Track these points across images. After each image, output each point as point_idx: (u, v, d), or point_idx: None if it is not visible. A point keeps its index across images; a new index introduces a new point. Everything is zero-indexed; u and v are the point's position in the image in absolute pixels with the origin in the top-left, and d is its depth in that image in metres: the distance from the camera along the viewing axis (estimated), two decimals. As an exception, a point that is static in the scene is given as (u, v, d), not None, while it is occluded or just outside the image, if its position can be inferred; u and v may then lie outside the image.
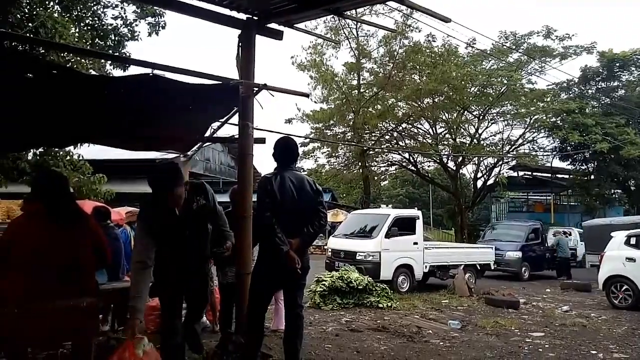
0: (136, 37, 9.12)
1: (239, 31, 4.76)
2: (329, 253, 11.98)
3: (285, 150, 3.94)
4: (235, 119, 4.95)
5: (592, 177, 25.61)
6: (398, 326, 6.98)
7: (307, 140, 25.22)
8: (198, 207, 3.54)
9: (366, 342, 6.01)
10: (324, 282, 8.57)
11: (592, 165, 25.46)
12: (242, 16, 4.82)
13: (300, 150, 25.93)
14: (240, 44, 4.72)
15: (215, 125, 5.45)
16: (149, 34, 9.09)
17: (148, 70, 3.84)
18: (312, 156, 26.39)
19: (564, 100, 23.29)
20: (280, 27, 5.09)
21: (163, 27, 9.30)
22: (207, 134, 5.51)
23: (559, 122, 23.20)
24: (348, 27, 22.70)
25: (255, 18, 4.79)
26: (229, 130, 5.71)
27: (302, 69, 23.90)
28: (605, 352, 5.93)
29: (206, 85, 4.14)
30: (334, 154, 26.24)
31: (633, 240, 9.85)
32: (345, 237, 11.93)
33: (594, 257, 13.11)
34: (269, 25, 4.98)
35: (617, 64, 25.40)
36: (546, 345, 6.18)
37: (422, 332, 6.69)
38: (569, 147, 24.03)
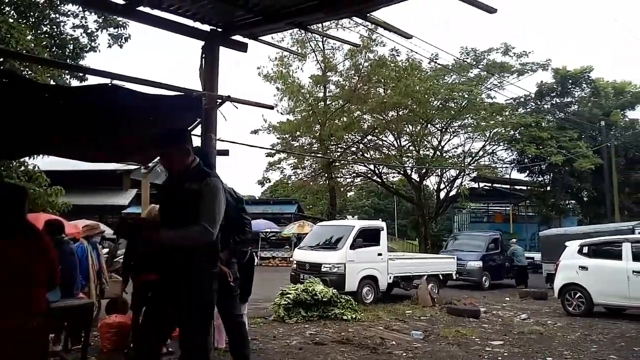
0: (96, 48, 8.91)
1: (202, 42, 4.74)
2: (294, 265, 11.92)
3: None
4: (198, 130, 4.90)
5: (548, 188, 26.68)
6: (362, 338, 7.00)
7: (274, 151, 25.18)
8: (187, 189, 3.06)
9: (330, 355, 5.99)
10: (288, 295, 8.50)
11: (548, 177, 26.54)
12: (206, 28, 4.80)
13: (266, 161, 25.93)
14: (203, 56, 4.69)
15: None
16: (109, 45, 8.90)
17: (107, 81, 3.76)
18: (278, 167, 26.37)
19: (522, 115, 24.28)
20: (245, 39, 5.10)
21: (126, 40, 9.13)
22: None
23: (517, 135, 24.13)
24: (314, 40, 22.98)
25: (219, 30, 4.78)
26: (193, 141, 5.63)
27: (269, 80, 23.95)
28: (560, 358, 6.14)
29: (168, 96, 4.09)
30: (300, 165, 26.30)
31: (585, 250, 10.28)
32: (311, 249, 11.92)
33: (550, 266, 13.60)
34: (233, 37, 4.98)
35: (570, 81, 26.74)
36: (505, 354, 6.35)
37: (386, 343, 6.73)
38: (526, 160, 24.97)
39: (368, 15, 4.59)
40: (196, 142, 5.15)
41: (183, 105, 4.26)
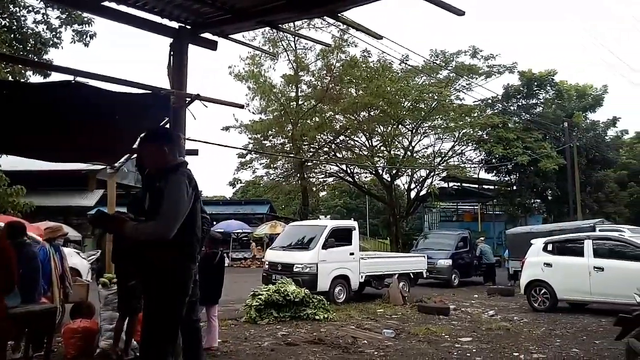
0: (59, 44, 8.59)
1: (171, 40, 4.65)
2: (266, 266, 11.85)
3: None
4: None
5: (515, 187, 27.40)
6: (334, 338, 7.01)
7: (245, 151, 24.98)
8: (157, 188, 3.01)
9: (302, 355, 5.98)
10: (260, 296, 8.44)
11: (515, 176, 27.25)
12: (175, 25, 4.71)
13: (238, 161, 25.68)
14: (171, 53, 4.60)
15: (145, 135, 5.24)
16: (73, 41, 8.59)
17: (70, 77, 3.64)
18: (250, 167, 26.18)
19: (489, 116, 24.83)
20: (215, 38, 5.03)
21: (92, 37, 8.82)
22: (136, 144, 5.28)
23: (484, 136, 24.68)
24: (286, 40, 22.92)
25: (188, 27, 4.70)
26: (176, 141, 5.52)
27: (240, 80, 23.74)
28: (526, 354, 6.30)
29: (134, 94, 3.99)
30: (272, 165, 26.20)
31: (550, 247, 10.61)
32: (283, 249, 11.88)
33: (516, 263, 13.99)
34: (202, 34, 4.90)
35: (535, 83, 27.53)
36: (474, 350, 6.48)
37: (358, 342, 6.77)
38: (493, 160, 25.57)
39: (339, 15, 4.60)
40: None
41: (150, 104, 4.16)
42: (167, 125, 4.62)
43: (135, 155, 4.83)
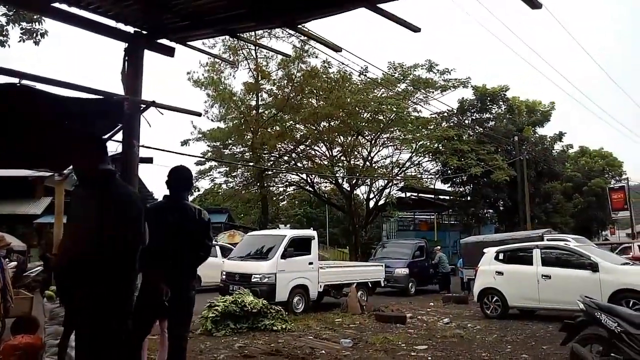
0: (5, 42, 8.14)
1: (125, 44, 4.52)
2: (223, 276, 11.63)
3: (176, 178, 4.03)
4: (119, 136, 4.65)
5: (469, 198, 28.32)
6: (292, 348, 6.95)
7: (204, 159, 24.55)
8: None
9: (259, 367, 5.89)
10: (216, 307, 8.27)
11: (469, 187, 28.18)
12: (130, 29, 4.58)
13: (197, 169, 25.18)
14: (126, 58, 4.47)
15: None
16: (21, 40, 8.16)
17: (15, 80, 3.47)
18: (208, 176, 25.76)
19: (445, 128, 25.61)
20: (172, 44, 4.93)
21: (43, 36, 8.40)
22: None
23: (440, 147, 25.40)
24: (247, 48, 22.80)
25: (144, 32, 4.59)
26: (115, 148, 5.34)
27: (199, 86, 23.40)
28: (479, 360, 6.49)
29: (85, 99, 3.84)
30: (231, 174, 25.87)
31: (501, 256, 10.99)
32: (241, 259, 11.70)
33: (470, 272, 14.39)
34: (159, 40, 4.79)
35: (489, 98, 28.70)
36: (429, 358, 6.59)
37: (315, 352, 6.74)
38: (449, 171, 26.35)
39: (299, 26, 4.63)
40: (116, 148, 4.90)
41: (102, 110, 4.02)
42: (120, 132, 4.48)
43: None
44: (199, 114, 5.38)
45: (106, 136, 4.88)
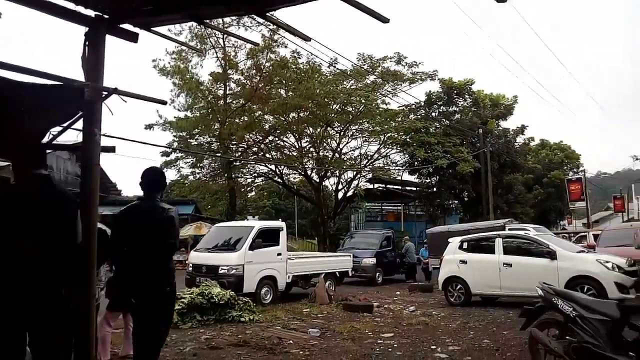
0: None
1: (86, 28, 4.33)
2: (190, 268, 11.48)
3: (149, 180, 4.31)
4: (80, 124, 4.47)
5: (435, 189, 28.88)
6: (259, 339, 6.95)
7: (169, 149, 24.02)
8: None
9: (226, 359, 5.87)
10: (182, 300, 8.15)
11: (435, 178, 28.72)
12: (91, 13, 4.39)
13: (162, 160, 24.64)
14: (86, 43, 4.28)
15: (55, 130, 4.85)
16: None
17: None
18: (175, 166, 25.23)
19: (412, 121, 25.97)
20: (136, 29, 4.77)
21: (-3, 16, 7.95)
22: (45, 140, 4.87)
23: (408, 139, 25.77)
24: (215, 36, 22.35)
25: (106, 17, 4.41)
26: (75, 136, 5.14)
27: (165, 75, 22.82)
28: (443, 346, 6.66)
29: (42, 85, 3.67)
30: (198, 165, 25.43)
31: (465, 245, 11.32)
32: (208, 251, 11.57)
33: (435, 261, 14.73)
34: (122, 25, 4.62)
35: (455, 91, 29.23)
36: (395, 345, 6.73)
37: (283, 343, 6.76)
38: (416, 162, 26.78)
39: (268, 14, 4.56)
40: (77, 137, 4.72)
41: (61, 97, 3.85)
42: (81, 120, 4.31)
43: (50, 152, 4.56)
44: (164, 102, 5.22)
45: (65, 124, 4.70)
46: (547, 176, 35.73)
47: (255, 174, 27.82)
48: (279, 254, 11.52)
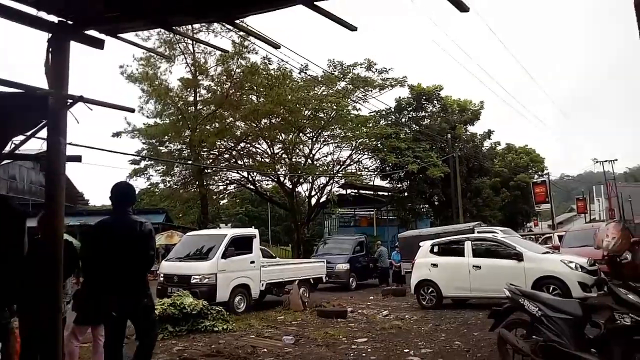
0: None
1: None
2: (161, 278, 11.25)
3: (120, 195, 4.40)
4: (44, 133, 4.35)
5: (406, 193, 29.28)
6: (233, 348, 6.88)
7: (138, 157, 23.52)
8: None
9: (199, 369, 5.77)
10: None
11: (406, 183, 29.12)
12: (54, 19, 4.29)
13: (131, 167, 24.10)
14: (50, 50, 4.18)
15: (18, 139, 4.70)
16: None
17: None
18: (144, 174, 24.70)
19: (383, 126, 26.30)
20: (102, 36, 4.68)
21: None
22: (7, 149, 4.71)
23: (379, 145, 26.07)
24: (184, 42, 22.09)
25: (70, 22, 4.31)
26: (39, 145, 4.99)
27: (133, 81, 22.38)
28: (415, 349, 6.75)
29: (3, 93, 3.56)
30: (169, 172, 24.97)
31: (436, 249, 11.50)
32: (179, 260, 11.38)
33: (407, 265, 14.90)
34: (87, 31, 4.53)
35: (424, 97, 29.78)
36: (369, 350, 6.77)
37: (257, 351, 6.71)
38: (387, 168, 27.10)
39: (237, 22, 4.56)
40: (42, 146, 4.58)
41: (23, 105, 3.75)
42: (45, 129, 4.20)
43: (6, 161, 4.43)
44: (132, 110, 5.14)
45: (29, 133, 4.57)
46: (513, 179, 36.71)
47: (228, 181, 27.55)
48: (252, 262, 11.43)
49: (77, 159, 4.58)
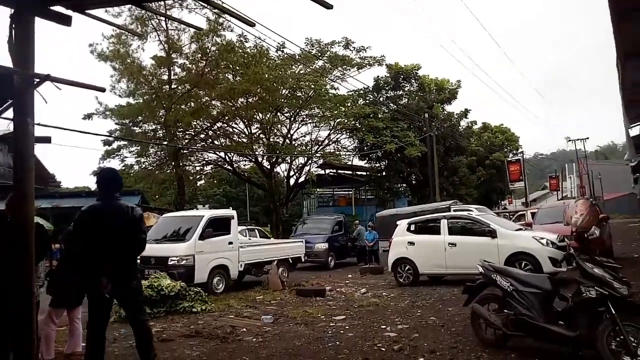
0: None
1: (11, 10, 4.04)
2: (138, 260, 11.11)
3: (107, 181, 4.58)
4: (10, 113, 4.20)
5: (384, 173, 29.55)
6: (212, 329, 6.91)
7: (111, 138, 22.97)
8: None
9: (177, 350, 5.79)
10: (131, 293, 7.92)
11: (384, 163, 29.38)
12: (17, -7, 4.10)
13: (104, 149, 23.56)
14: (13, 26, 4.00)
15: (-18, 120, 4.53)
16: None
17: None
18: (118, 156, 24.17)
19: (361, 106, 26.30)
20: (69, 12, 4.49)
21: None
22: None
23: (357, 124, 26.11)
24: (156, 19, 21.42)
25: (34, -2, 4.13)
26: (6, 126, 4.84)
27: (104, 59, 21.68)
28: (392, 325, 6.90)
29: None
30: (144, 153, 24.50)
31: (413, 227, 11.68)
32: (156, 242, 11.23)
33: (385, 243, 15.13)
34: (53, 7, 4.34)
35: (402, 76, 29.81)
36: (347, 327, 6.89)
37: (236, 331, 6.76)
38: (365, 147, 27.23)
39: (210, -2, 4.44)
40: (8, 127, 4.43)
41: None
42: (10, 109, 4.05)
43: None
44: (103, 90, 4.98)
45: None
46: (489, 158, 37.40)
47: (204, 162, 27.25)
48: (231, 243, 11.41)
49: (47, 140, 4.46)
